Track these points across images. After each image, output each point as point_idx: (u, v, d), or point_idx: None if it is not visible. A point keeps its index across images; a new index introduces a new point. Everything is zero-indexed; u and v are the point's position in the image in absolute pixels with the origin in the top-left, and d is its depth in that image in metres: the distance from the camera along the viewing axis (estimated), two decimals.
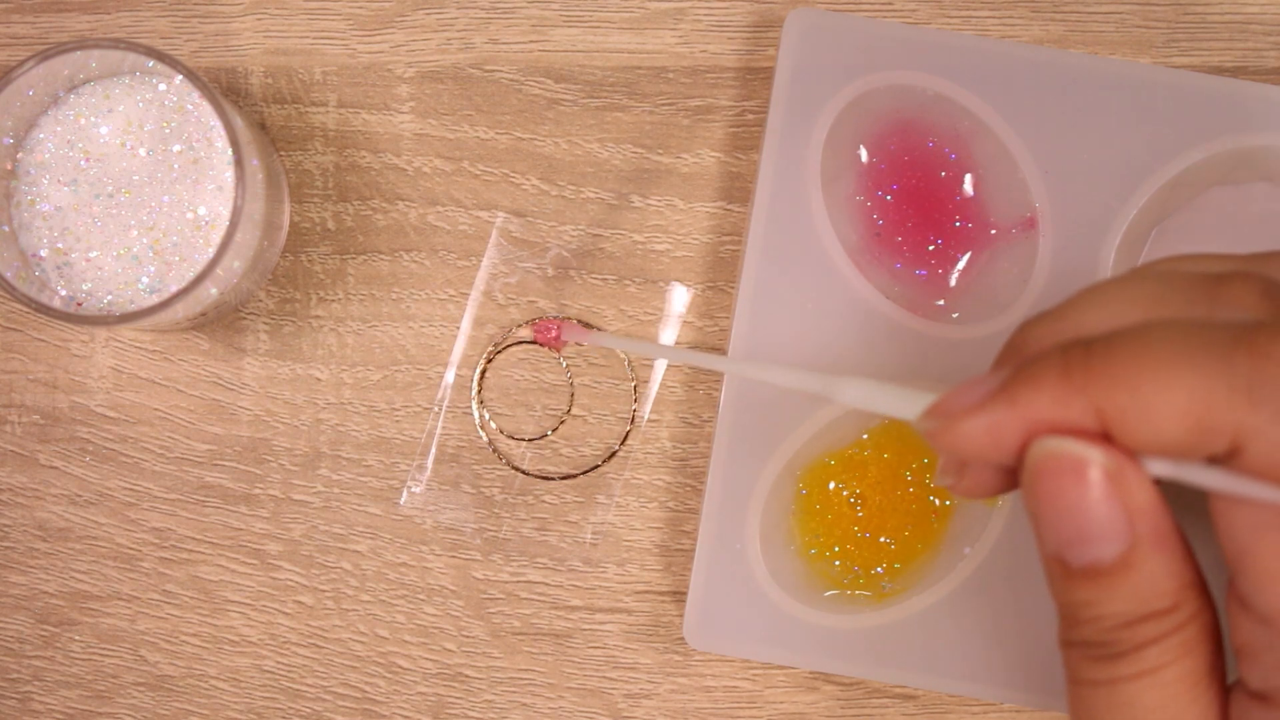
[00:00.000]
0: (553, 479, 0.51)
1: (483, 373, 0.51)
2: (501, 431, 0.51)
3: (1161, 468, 0.32)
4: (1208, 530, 0.33)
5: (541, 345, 0.49)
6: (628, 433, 0.51)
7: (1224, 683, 0.33)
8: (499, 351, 0.51)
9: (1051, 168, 0.49)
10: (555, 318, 0.51)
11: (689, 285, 0.51)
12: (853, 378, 0.38)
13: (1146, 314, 0.33)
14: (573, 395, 0.51)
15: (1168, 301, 0.33)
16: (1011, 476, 0.34)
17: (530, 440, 0.51)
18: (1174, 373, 0.30)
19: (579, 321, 0.50)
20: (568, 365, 0.51)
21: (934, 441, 0.33)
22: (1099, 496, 0.31)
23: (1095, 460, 0.31)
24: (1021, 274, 0.49)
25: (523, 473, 0.51)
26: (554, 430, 0.51)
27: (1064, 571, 0.32)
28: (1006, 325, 0.49)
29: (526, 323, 0.51)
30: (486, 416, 0.51)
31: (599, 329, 0.51)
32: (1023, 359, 0.34)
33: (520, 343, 0.51)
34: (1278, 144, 0.49)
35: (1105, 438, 0.31)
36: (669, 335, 0.51)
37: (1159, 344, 0.31)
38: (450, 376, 0.51)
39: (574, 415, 0.51)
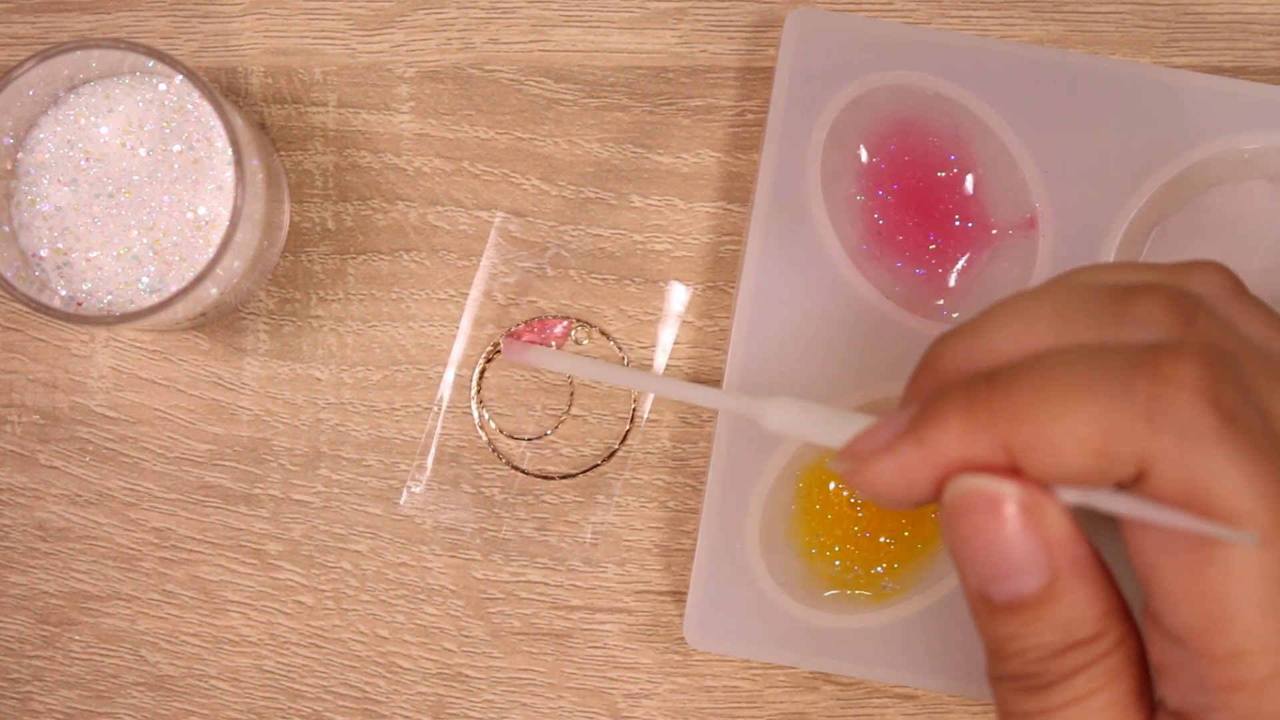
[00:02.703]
0: (552, 478, 0.51)
1: (481, 372, 0.51)
2: (501, 431, 0.51)
3: (1073, 496, 0.32)
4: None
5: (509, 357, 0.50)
6: (627, 432, 0.51)
7: (1152, 706, 0.33)
8: (497, 351, 0.51)
9: (1051, 168, 0.49)
10: (513, 329, 0.51)
11: (689, 285, 0.51)
12: (780, 400, 0.38)
13: (1054, 333, 0.33)
14: (572, 395, 0.51)
15: (1075, 319, 0.33)
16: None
17: (529, 440, 0.51)
18: (1075, 403, 0.30)
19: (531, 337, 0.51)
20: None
21: (848, 482, 0.34)
22: (1015, 531, 0.31)
23: (1009, 495, 0.31)
24: (1021, 274, 0.49)
25: (522, 472, 0.51)
26: (553, 430, 0.51)
27: (988, 607, 0.33)
28: None
29: (525, 322, 0.51)
30: (486, 416, 0.51)
31: (544, 348, 0.51)
32: (931, 387, 0.34)
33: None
34: (1278, 144, 0.49)
35: (1016, 471, 0.32)
36: (668, 334, 0.51)
37: (1059, 374, 0.31)
38: (450, 376, 0.51)
39: (573, 415, 0.51)
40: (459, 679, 0.52)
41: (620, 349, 0.51)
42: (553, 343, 0.51)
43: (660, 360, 0.51)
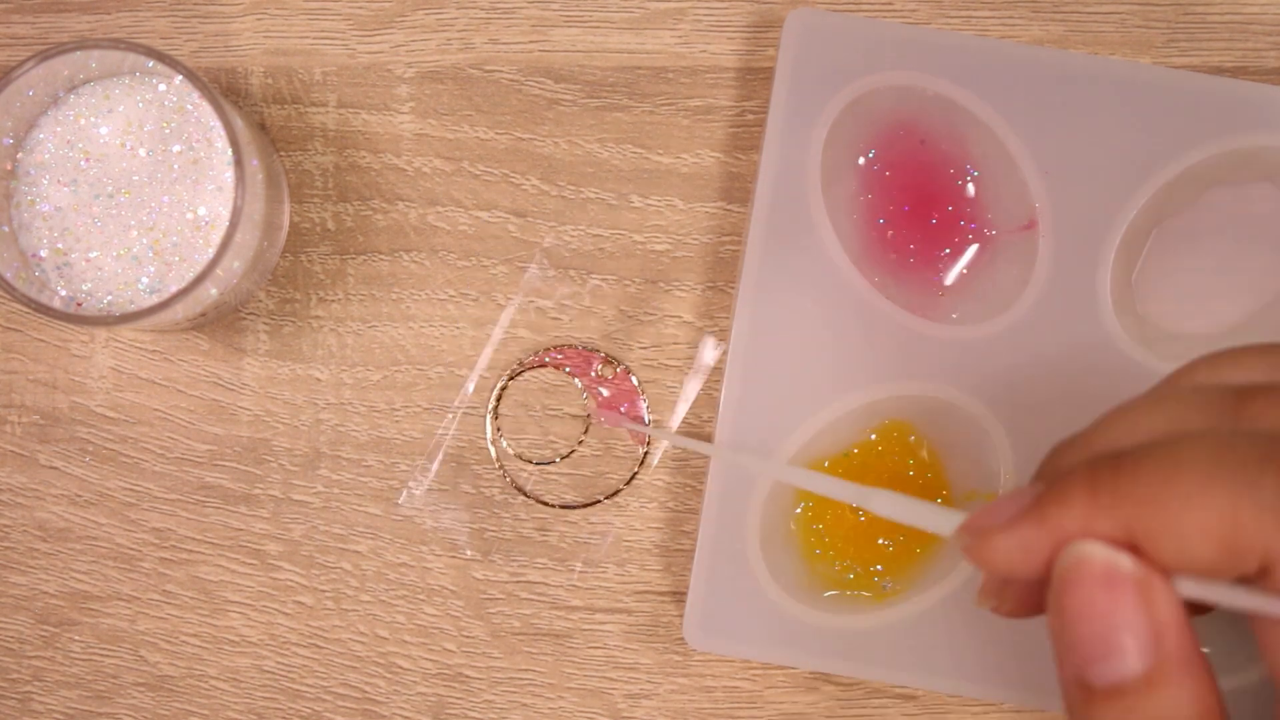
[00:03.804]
0: (552, 506, 0.51)
1: (503, 389, 0.51)
2: (510, 451, 0.51)
3: (1191, 588, 0.31)
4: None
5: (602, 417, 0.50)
6: (634, 474, 0.51)
7: None
8: (521, 372, 0.51)
9: (1051, 168, 0.49)
10: (550, 356, 0.51)
11: (692, 286, 0.51)
12: (884, 492, 0.38)
13: (1173, 431, 0.32)
14: (588, 429, 0.51)
15: (1191, 425, 0.32)
16: None
17: (537, 464, 0.51)
18: (1201, 492, 0.30)
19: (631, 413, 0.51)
20: (589, 397, 0.51)
21: (969, 557, 0.33)
22: (1129, 607, 0.31)
23: (1125, 567, 0.31)
24: (1021, 274, 0.49)
25: (524, 494, 0.51)
26: (563, 458, 0.51)
27: (1085, 695, 0.32)
28: (1006, 325, 0.49)
29: (551, 348, 0.51)
30: (500, 435, 0.51)
31: (654, 424, 0.51)
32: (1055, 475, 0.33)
33: (542, 365, 0.51)
34: (1278, 144, 0.49)
35: (1135, 551, 0.31)
36: (694, 387, 0.51)
37: (1187, 461, 0.30)
38: (470, 387, 0.51)
39: (585, 447, 0.51)
40: (459, 679, 0.52)
41: (643, 392, 0.51)
42: (592, 373, 0.51)
43: (681, 410, 0.51)
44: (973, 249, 0.50)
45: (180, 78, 0.46)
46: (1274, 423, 0.31)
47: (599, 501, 0.51)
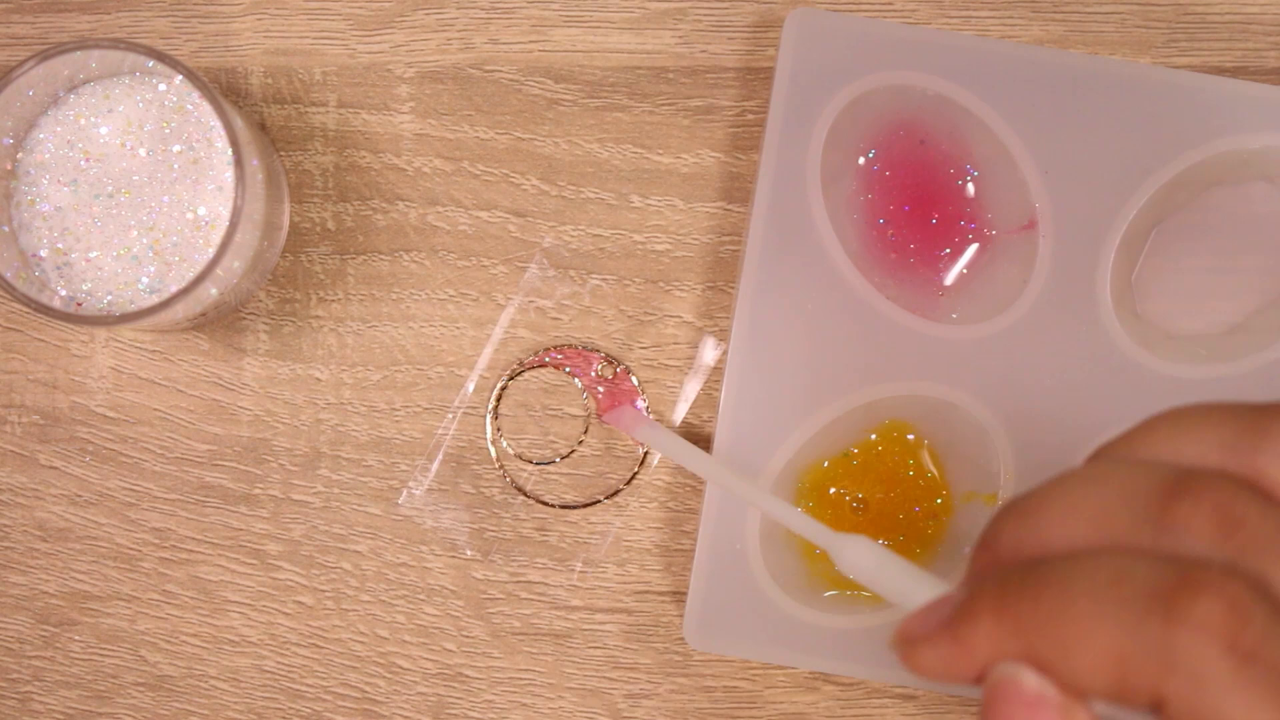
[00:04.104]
0: (552, 506, 0.51)
1: (502, 389, 0.51)
2: (510, 451, 0.51)
3: (1103, 709, 0.32)
4: None
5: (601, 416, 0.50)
6: (634, 474, 0.51)
7: None
8: (521, 372, 0.51)
9: (1051, 168, 0.49)
10: (551, 356, 0.51)
11: (692, 286, 0.51)
12: (857, 541, 0.39)
13: (1096, 530, 0.32)
14: (588, 429, 0.51)
15: (1118, 520, 0.32)
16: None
17: (537, 464, 0.51)
18: (1091, 628, 0.30)
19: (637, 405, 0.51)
20: (589, 397, 0.51)
21: (901, 664, 0.34)
22: None
23: (1049, 694, 0.31)
24: (1021, 274, 0.49)
25: (524, 494, 0.51)
26: (563, 458, 0.51)
27: None
28: (1006, 325, 0.49)
29: (551, 348, 0.51)
30: (499, 434, 0.51)
31: (655, 421, 0.51)
32: (986, 567, 0.34)
33: (542, 365, 0.51)
34: (1278, 144, 0.49)
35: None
36: (694, 387, 0.51)
37: (1081, 591, 0.31)
38: (470, 387, 0.51)
39: (585, 446, 0.51)
40: (459, 679, 0.52)
41: (642, 392, 0.51)
42: (592, 373, 0.51)
43: (681, 410, 0.51)
44: (973, 249, 0.50)
45: (180, 78, 0.46)
46: (1195, 532, 0.31)
47: (599, 501, 0.51)
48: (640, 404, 0.51)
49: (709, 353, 0.51)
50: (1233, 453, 0.33)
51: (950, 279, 0.50)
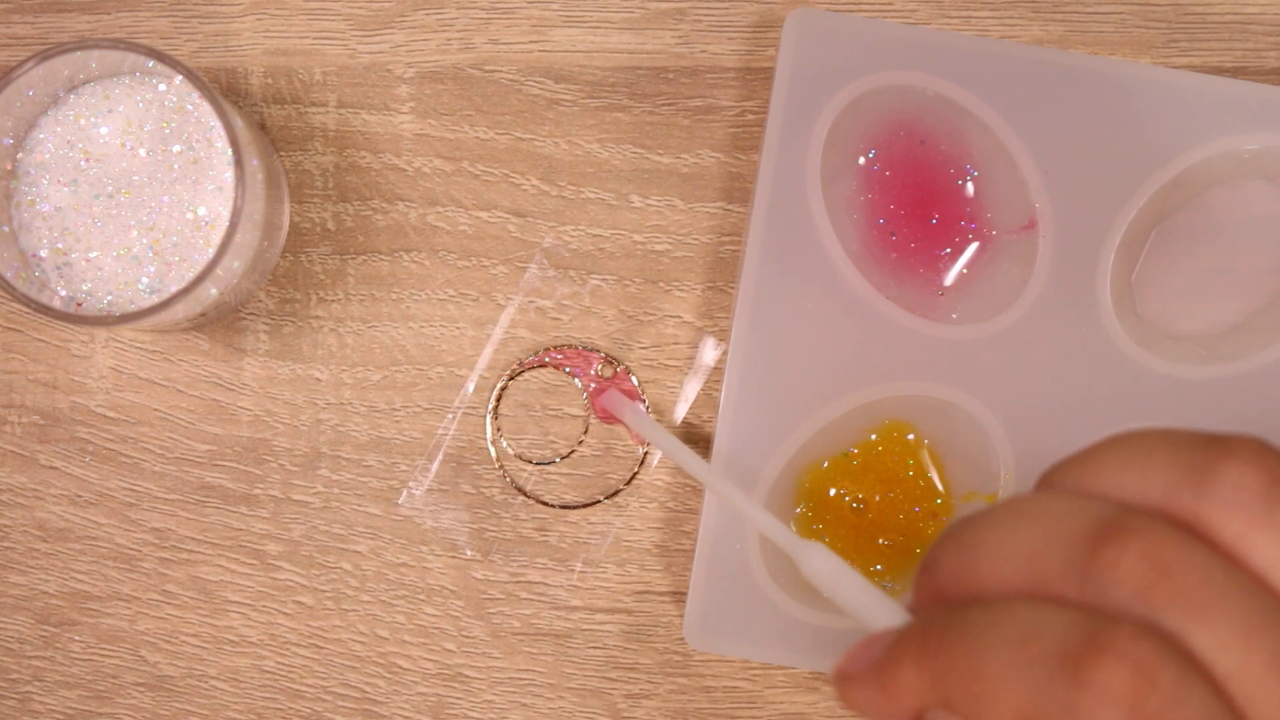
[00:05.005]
0: (552, 506, 0.51)
1: (502, 389, 0.51)
2: (510, 451, 0.51)
3: None
4: None
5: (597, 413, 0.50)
6: (634, 474, 0.51)
7: None
8: (521, 373, 0.51)
9: (1051, 168, 0.49)
10: (609, 376, 0.51)
11: (692, 286, 0.51)
12: (820, 550, 0.39)
13: (1025, 573, 0.32)
14: (588, 428, 0.51)
15: (1048, 564, 0.32)
16: None
17: (537, 464, 0.51)
18: (1003, 686, 0.30)
19: (627, 392, 0.51)
20: (589, 397, 0.51)
21: (838, 699, 0.34)
22: None
23: None
24: (1021, 274, 0.49)
25: (524, 494, 0.51)
26: (563, 458, 0.51)
27: None
28: (1006, 325, 0.49)
29: (551, 349, 0.51)
30: (500, 436, 0.51)
31: (642, 408, 0.51)
32: (926, 596, 0.34)
33: (542, 366, 0.51)
34: (1278, 144, 0.49)
35: None
36: (694, 387, 0.51)
37: (995, 647, 0.31)
38: (470, 387, 0.51)
39: (585, 446, 0.51)
40: (459, 679, 0.52)
41: (642, 392, 0.51)
42: (593, 372, 0.51)
43: (681, 410, 0.51)
44: (973, 249, 0.50)
45: (180, 78, 0.46)
46: (1115, 582, 0.31)
47: (599, 502, 0.51)
48: (641, 405, 0.51)
49: (709, 353, 0.51)
50: (1175, 492, 0.31)
51: (950, 279, 0.50)
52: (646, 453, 0.51)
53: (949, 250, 0.50)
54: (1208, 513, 0.31)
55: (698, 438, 0.51)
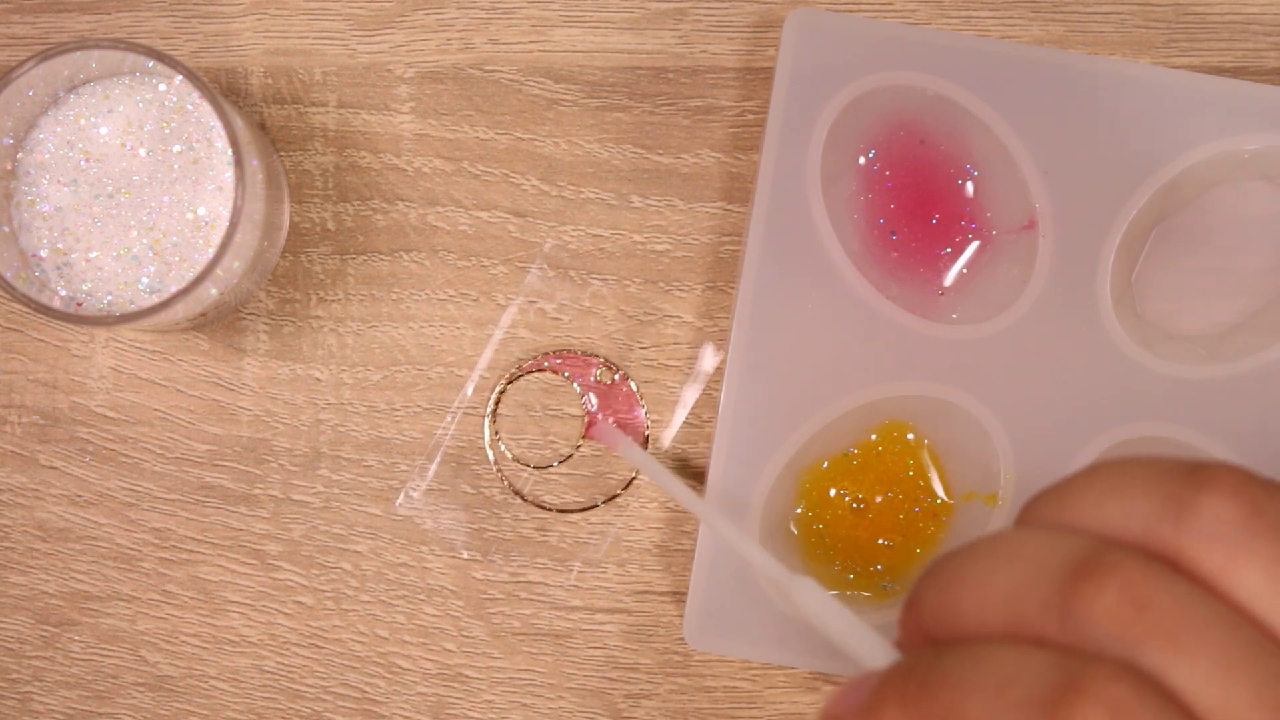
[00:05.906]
0: (550, 510, 0.51)
1: (501, 392, 0.51)
2: (509, 454, 0.51)
3: None
4: None
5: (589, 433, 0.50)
6: (632, 479, 0.51)
7: None
8: (519, 377, 0.51)
9: (1051, 168, 0.49)
10: (551, 361, 0.51)
11: (692, 287, 0.51)
12: (808, 582, 0.39)
13: (1006, 614, 0.32)
14: (585, 434, 0.51)
15: (1027, 605, 0.32)
16: None
17: (535, 469, 0.51)
18: None
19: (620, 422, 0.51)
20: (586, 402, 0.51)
21: None
22: None
23: None
24: (1021, 274, 0.49)
25: (522, 498, 0.51)
26: (561, 462, 0.51)
27: None
28: (1006, 325, 0.49)
29: (550, 353, 0.51)
30: (498, 439, 0.51)
31: (631, 441, 0.51)
32: (911, 634, 0.34)
33: (541, 370, 0.51)
34: (1278, 144, 0.49)
35: None
36: (692, 393, 0.51)
37: (973, 692, 0.30)
38: (470, 387, 0.51)
39: (583, 451, 0.51)
40: (459, 679, 0.52)
41: (641, 400, 0.51)
42: (592, 379, 0.51)
43: (680, 414, 0.51)
44: (973, 249, 0.50)
45: (180, 78, 0.46)
46: (1094, 621, 0.30)
47: (597, 505, 0.51)
48: (639, 411, 0.51)
49: (708, 360, 0.51)
50: (1155, 525, 0.31)
51: (950, 279, 0.50)
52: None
53: (949, 250, 0.50)
54: (1188, 545, 0.30)
55: (698, 438, 0.51)
